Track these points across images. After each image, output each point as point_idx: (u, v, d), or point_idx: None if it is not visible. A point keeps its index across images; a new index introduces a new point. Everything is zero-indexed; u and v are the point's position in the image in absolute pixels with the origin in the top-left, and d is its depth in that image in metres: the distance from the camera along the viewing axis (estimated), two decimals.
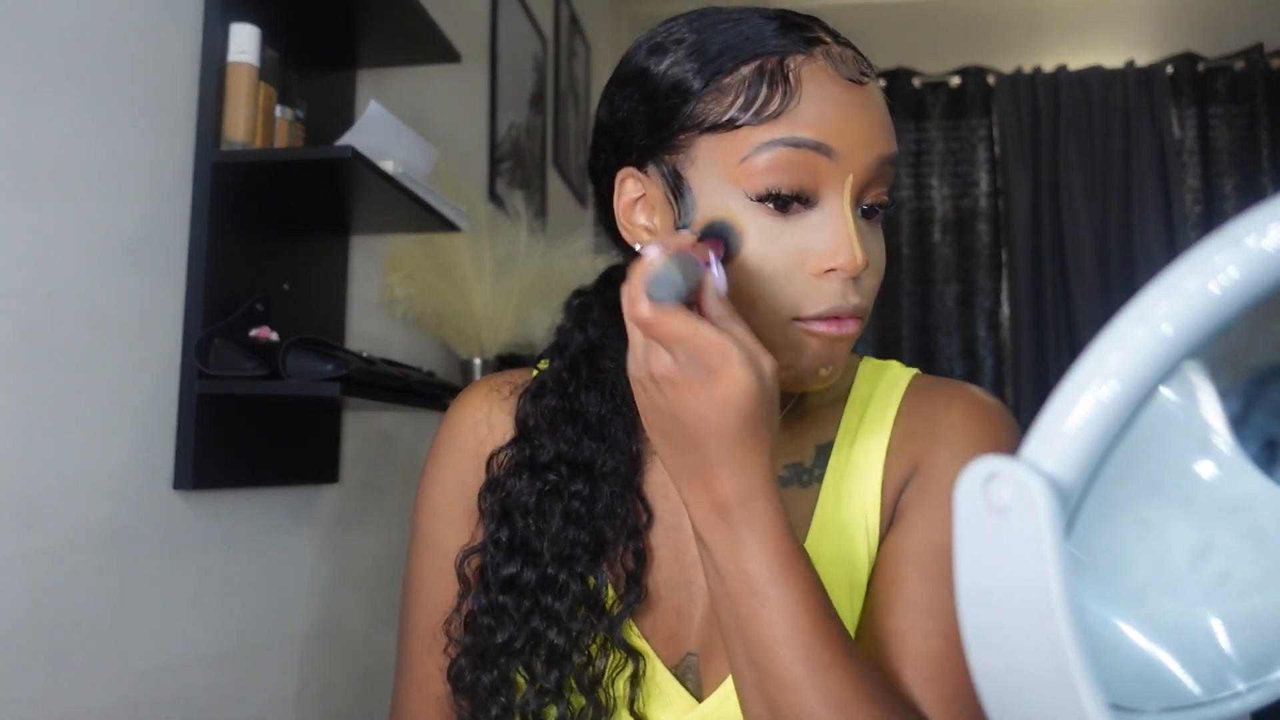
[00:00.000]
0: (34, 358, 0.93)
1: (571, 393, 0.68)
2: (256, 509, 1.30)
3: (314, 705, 1.42)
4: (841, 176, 0.57)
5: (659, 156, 0.61)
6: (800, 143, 0.56)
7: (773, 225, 0.57)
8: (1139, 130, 3.24)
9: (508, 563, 0.65)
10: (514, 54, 2.42)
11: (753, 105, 0.56)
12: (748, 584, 0.52)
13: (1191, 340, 0.29)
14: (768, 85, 0.56)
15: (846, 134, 0.57)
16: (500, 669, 0.64)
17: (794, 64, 0.57)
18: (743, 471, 0.52)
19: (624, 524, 0.65)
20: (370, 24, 1.42)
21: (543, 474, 0.66)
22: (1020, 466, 0.29)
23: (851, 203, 0.58)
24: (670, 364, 0.51)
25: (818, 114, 0.56)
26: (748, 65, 0.57)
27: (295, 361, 1.14)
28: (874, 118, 0.58)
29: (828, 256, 0.57)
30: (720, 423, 0.51)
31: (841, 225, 0.57)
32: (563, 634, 0.64)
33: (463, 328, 1.81)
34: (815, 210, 0.58)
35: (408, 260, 1.68)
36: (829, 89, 0.57)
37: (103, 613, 1.02)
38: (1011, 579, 0.30)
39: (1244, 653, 0.37)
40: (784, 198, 0.57)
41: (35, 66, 0.94)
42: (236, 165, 1.17)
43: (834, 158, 0.57)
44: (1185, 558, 0.38)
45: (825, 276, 0.58)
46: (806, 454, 0.68)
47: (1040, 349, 3.21)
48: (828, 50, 0.58)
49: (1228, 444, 0.37)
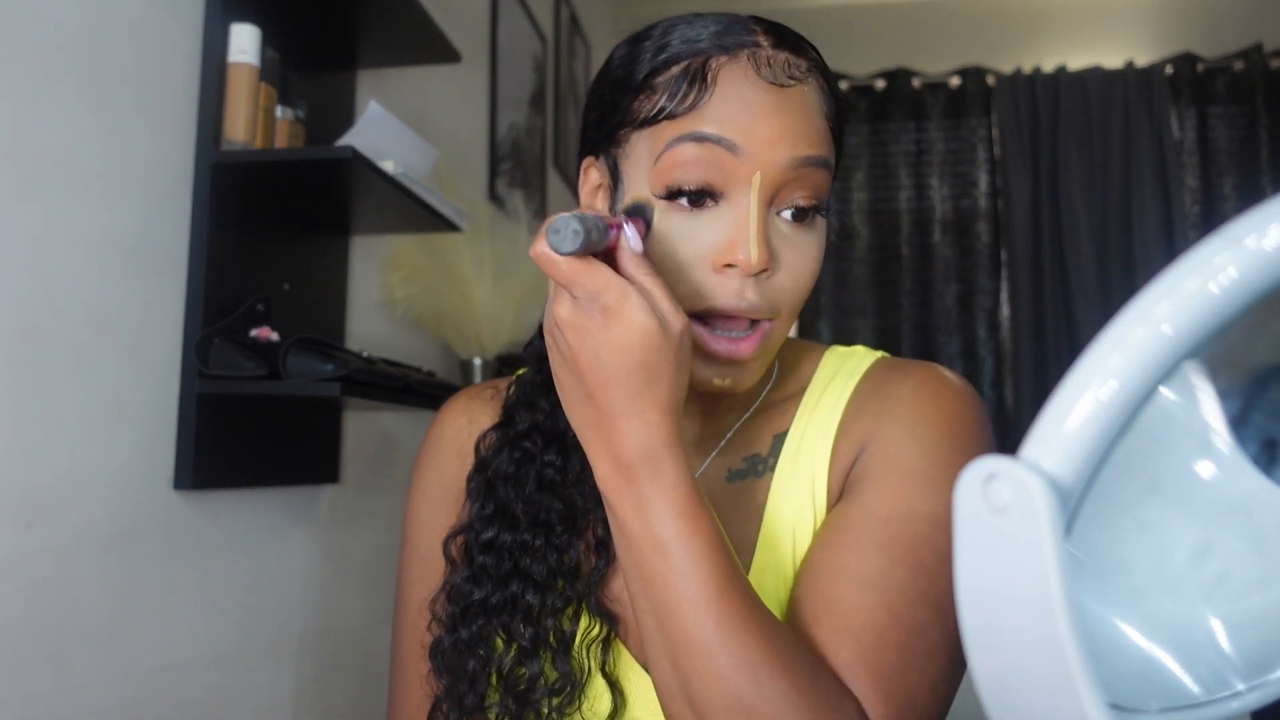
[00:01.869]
0: (34, 358, 0.93)
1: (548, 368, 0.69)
2: (256, 509, 1.30)
3: (314, 705, 1.42)
4: (749, 174, 0.58)
5: (606, 149, 0.64)
6: (704, 137, 0.57)
7: (682, 220, 0.59)
8: (1138, 130, 3.24)
9: (488, 528, 0.67)
10: (514, 54, 2.42)
11: (671, 102, 0.58)
12: (654, 545, 0.52)
13: (1191, 340, 0.29)
14: (687, 84, 0.58)
15: (755, 134, 0.57)
16: (479, 628, 0.66)
17: (715, 64, 0.58)
18: (644, 425, 0.52)
19: (593, 492, 0.66)
20: (370, 24, 1.42)
21: (520, 443, 0.69)
22: (1020, 466, 0.30)
23: (760, 201, 0.58)
24: (571, 305, 0.51)
25: (726, 112, 0.57)
26: (678, 65, 0.59)
27: (295, 361, 1.14)
28: (792, 120, 0.58)
29: (726, 252, 0.58)
30: (618, 367, 0.51)
31: (744, 222, 0.58)
32: (538, 595, 0.65)
33: (463, 328, 1.81)
34: (723, 207, 0.59)
35: (408, 260, 1.68)
36: (743, 89, 0.58)
37: (103, 613, 1.02)
38: (1011, 579, 0.30)
39: (1243, 652, 0.37)
40: (690, 193, 0.58)
41: (36, 67, 0.94)
42: (237, 165, 1.17)
43: (739, 155, 0.57)
44: (1185, 558, 0.38)
45: (724, 272, 0.58)
46: (764, 445, 0.68)
47: (1040, 349, 3.21)
48: (755, 53, 0.59)
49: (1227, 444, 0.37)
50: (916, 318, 3.36)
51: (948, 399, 0.64)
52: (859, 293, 3.39)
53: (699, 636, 0.50)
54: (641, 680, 0.64)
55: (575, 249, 0.49)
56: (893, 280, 3.38)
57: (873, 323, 3.38)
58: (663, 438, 0.52)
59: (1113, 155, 3.26)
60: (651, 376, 0.51)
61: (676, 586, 0.51)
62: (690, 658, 0.50)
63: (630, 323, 0.50)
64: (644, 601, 0.53)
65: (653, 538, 0.52)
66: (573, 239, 0.49)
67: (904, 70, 3.44)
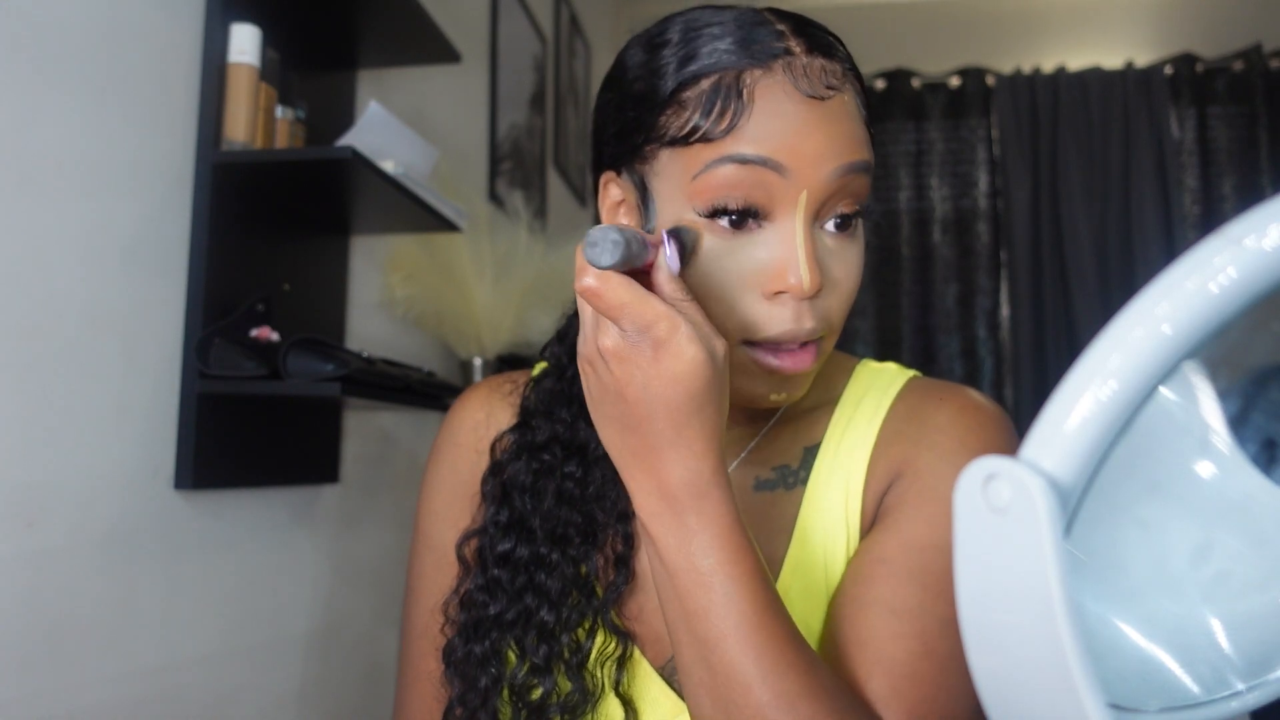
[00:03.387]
0: (34, 358, 0.93)
1: (570, 377, 0.68)
2: (256, 509, 1.30)
3: (314, 705, 1.42)
4: (795, 194, 0.55)
5: (631, 164, 0.61)
6: (747, 159, 0.55)
7: (726, 243, 0.56)
8: (1138, 131, 3.24)
9: (504, 539, 0.66)
10: (514, 54, 2.42)
11: (706, 121, 0.56)
12: (697, 578, 0.51)
13: (1191, 340, 0.29)
14: (722, 101, 0.55)
15: (799, 151, 0.55)
16: (492, 642, 0.65)
17: (750, 79, 0.56)
18: (691, 456, 0.50)
19: (614, 507, 0.65)
20: (370, 24, 1.42)
21: (538, 454, 0.67)
22: (1020, 466, 0.30)
23: (807, 221, 0.56)
24: (618, 336, 0.49)
25: (768, 131, 0.55)
26: (708, 79, 0.56)
27: (295, 361, 1.14)
28: (834, 131, 0.56)
29: (777, 278, 0.56)
30: (667, 399, 0.49)
31: (791, 245, 0.56)
32: (553, 611, 0.64)
33: (463, 328, 1.81)
34: (769, 229, 0.56)
35: (408, 260, 1.68)
36: (783, 105, 0.55)
37: (103, 613, 1.02)
38: (1011, 579, 0.30)
39: (1243, 652, 0.37)
40: (733, 213, 0.56)
41: (36, 67, 0.94)
42: (237, 165, 1.17)
43: (785, 174, 0.55)
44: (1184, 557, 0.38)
45: (776, 299, 0.56)
46: (794, 457, 0.67)
47: (1040, 349, 3.21)
48: (790, 64, 0.56)
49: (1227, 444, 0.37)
50: (916, 318, 3.36)
51: (985, 427, 0.64)
52: (859, 293, 3.38)
53: (739, 669, 0.50)
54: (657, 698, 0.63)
55: (614, 262, 0.47)
56: (892, 280, 3.38)
57: (873, 323, 3.38)
58: (710, 468, 0.51)
59: (1112, 155, 3.26)
60: (699, 406, 0.50)
61: (718, 619, 0.50)
62: (730, 689, 0.50)
63: (681, 354, 0.48)
64: (684, 634, 0.52)
65: (696, 570, 0.51)
66: (611, 250, 0.47)
67: (904, 70, 3.44)
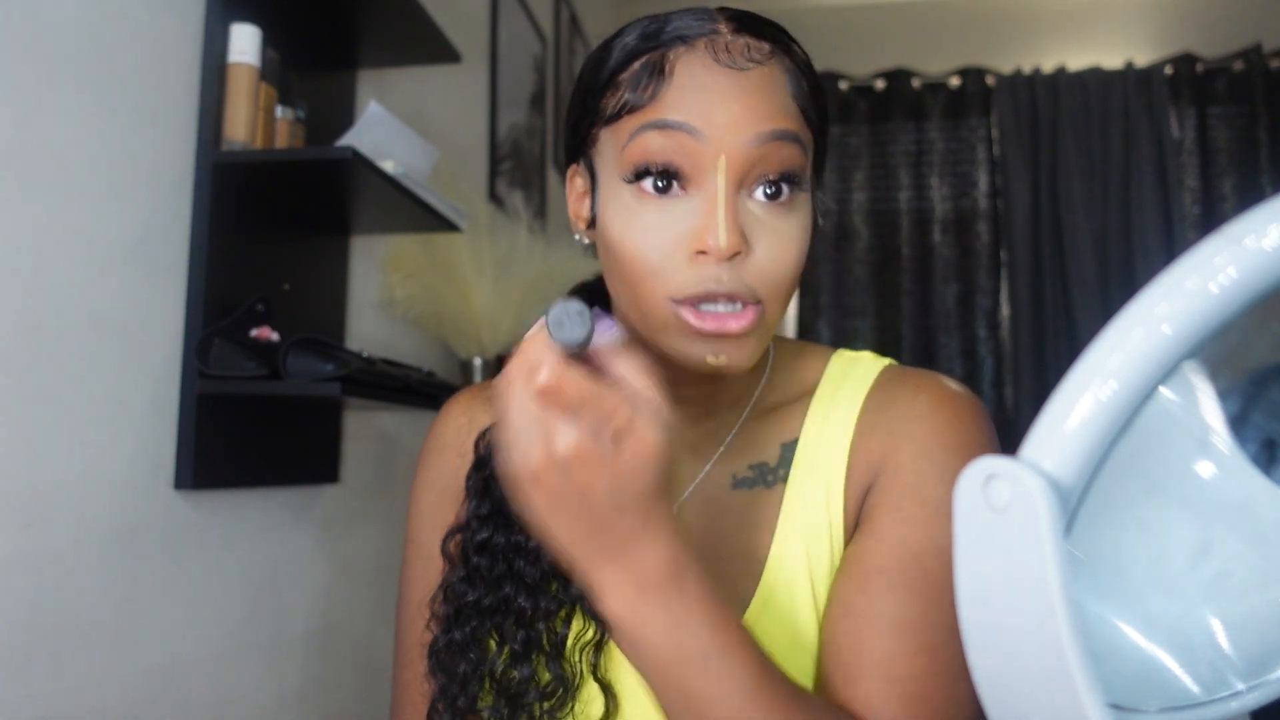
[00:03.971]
0: (34, 358, 0.93)
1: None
2: (256, 509, 1.30)
3: (314, 705, 1.42)
4: (714, 158, 0.58)
5: (585, 152, 0.64)
6: (665, 124, 0.58)
7: (655, 209, 0.59)
8: (1138, 131, 3.24)
9: (483, 529, 0.67)
10: (514, 54, 2.42)
11: (633, 94, 0.59)
12: (691, 663, 0.49)
13: (1191, 340, 0.29)
14: (648, 76, 0.59)
15: (715, 117, 0.57)
16: (471, 629, 0.65)
17: (674, 55, 0.59)
18: (663, 538, 0.48)
19: None
20: (370, 24, 1.42)
21: None
22: (1020, 466, 0.30)
23: (728, 186, 0.58)
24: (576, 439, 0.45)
25: (686, 99, 0.58)
26: (639, 60, 0.60)
27: (295, 361, 1.14)
28: (752, 101, 0.58)
29: (696, 238, 0.57)
30: (636, 491, 0.47)
31: (711, 206, 0.57)
32: (530, 598, 0.64)
33: (463, 328, 1.81)
34: (693, 194, 0.59)
35: (408, 260, 1.68)
36: (700, 76, 0.58)
37: (103, 612, 1.02)
38: (1011, 579, 0.30)
39: (1243, 652, 0.37)
40: (654, 175, 0.58)
41: (36, 67, 0.94)
42: (237, 165, 1.17)
43: (701, 139, 0.57)
44: (1184, 557, 0.38)
45: (697, 260, 0.58)
46: (771, 454, 0.68)
47: (1040, 349, 3.21)
48: (713, 41, 0.59)
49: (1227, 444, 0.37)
50: (916, 318, 3.36)
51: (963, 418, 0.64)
52: (859, 293, 3.39)
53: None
54: (635, 684, 0.64)
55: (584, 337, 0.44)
56: (893, 280, 3.38)
57: (873, 323, 3.38)
58: (679, 545, 0.49)
59: (1112, 155, 3.26)
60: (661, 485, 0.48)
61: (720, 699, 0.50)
62: None
63: (645, 440, 0.46)
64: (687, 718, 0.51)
65: (688, 656, 0.49)
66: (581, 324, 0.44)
67: (904, 70, 3.44)
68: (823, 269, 3.36)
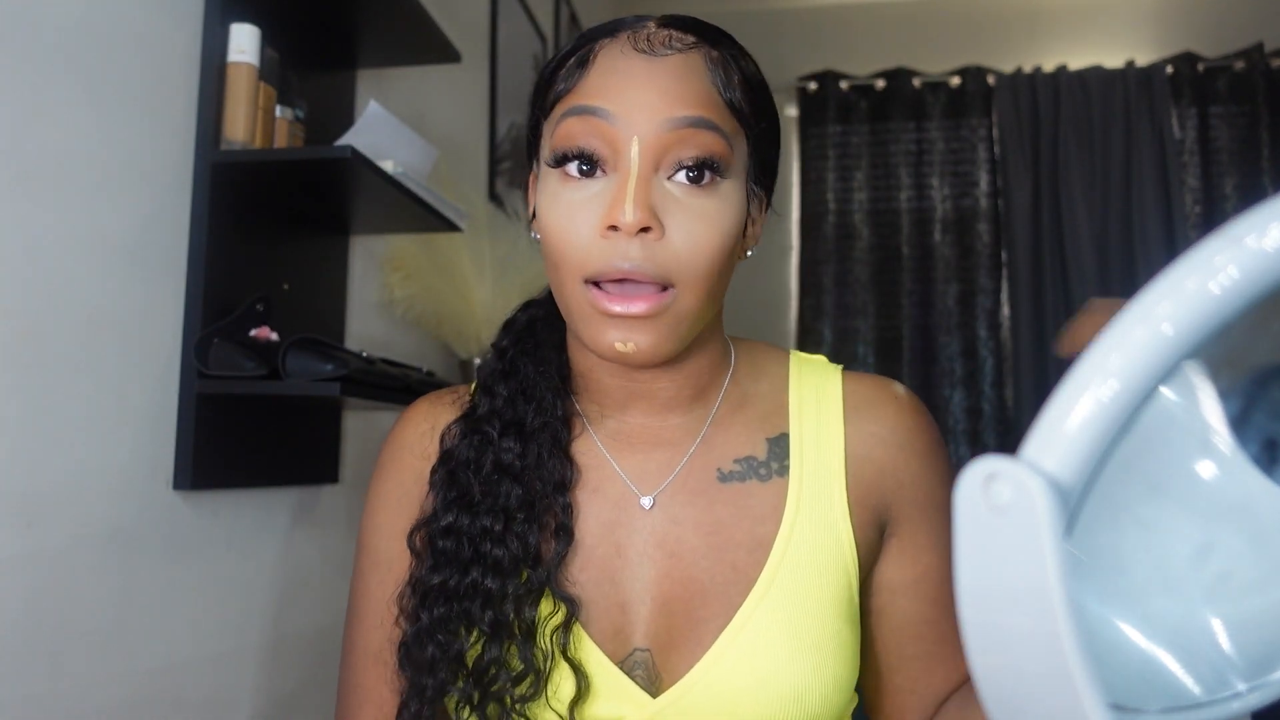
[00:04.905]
0: (33, 358, 0.93)
1: (510, 357, 0.72)
2: (256, 509, 1.30)
3: (314, 705, 1.42)
4: (628, 140, 0.59)
5: (535, 150, 0.68)
6: (580, 109, 0.60)
7: (575, 191, 0.61)
8: (1139, 130, 3.24)
9: (448, 514, 0.68)
10: (514, 54, 2.41)
11: (563, 85, 0.63)
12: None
13: (1192, 340, 0.29)
14: (575, 68, 0.63)
15: (627, 100, 0.59)
16: (439, 614, 0.66)
17: (597, 47, 0.62)
18: None
19: (552, 477, 0.67)
20: (370, 24, 1.42)
21: (480, 427, 0.70)
22: (1021, 466, 0.29)
23: (642, 164, 0.59)
24: None
25: (601, 84, 0.61)
26: (573, 57, 0.63)
27: (295, 361, 1.14)
28: (665, 86, 0.60)
29: (608, 214, 0.59)
30: None
31: (623, 183, 0.59)
32: (498, 579, 0.65)
33: (463, 328, 1.80)
34: (612, 177, 0.61)
35: (408, 260, 1.68)
36: (616, 62, 0.61)
37: (103, 613, 1.01)
38: (1012, 579, 0.30)
39: (1244, 653, 0.37)
40: (573, 160, 0.61)
41: (35, 66, 0.94)
42: (236, 165, 1.17)
43: (614, 122, 0.59)
44: (1185, 558, 0.38)
45: (609, 235, 0.59)
46: (757, 448, 0.69)
47: (1040, 349, 3.21)
48: (635, 33, 0.62)
49: (1228, 444, 0.37)
50: (917, 318, 3.36)
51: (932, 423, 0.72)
52: (859, 293, 3.39)
53: None
54: (603, 666, 0.64)
55: None
56: (893, 280, 3.37)
57: (873, 322, 3.38)
58: None
59: (1113, 155, 3.26)
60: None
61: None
62: None
63: None
64: None
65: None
66: None
67: (904, 70, 3.43)
68: (823, 269, 3.36)
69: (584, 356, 0.70)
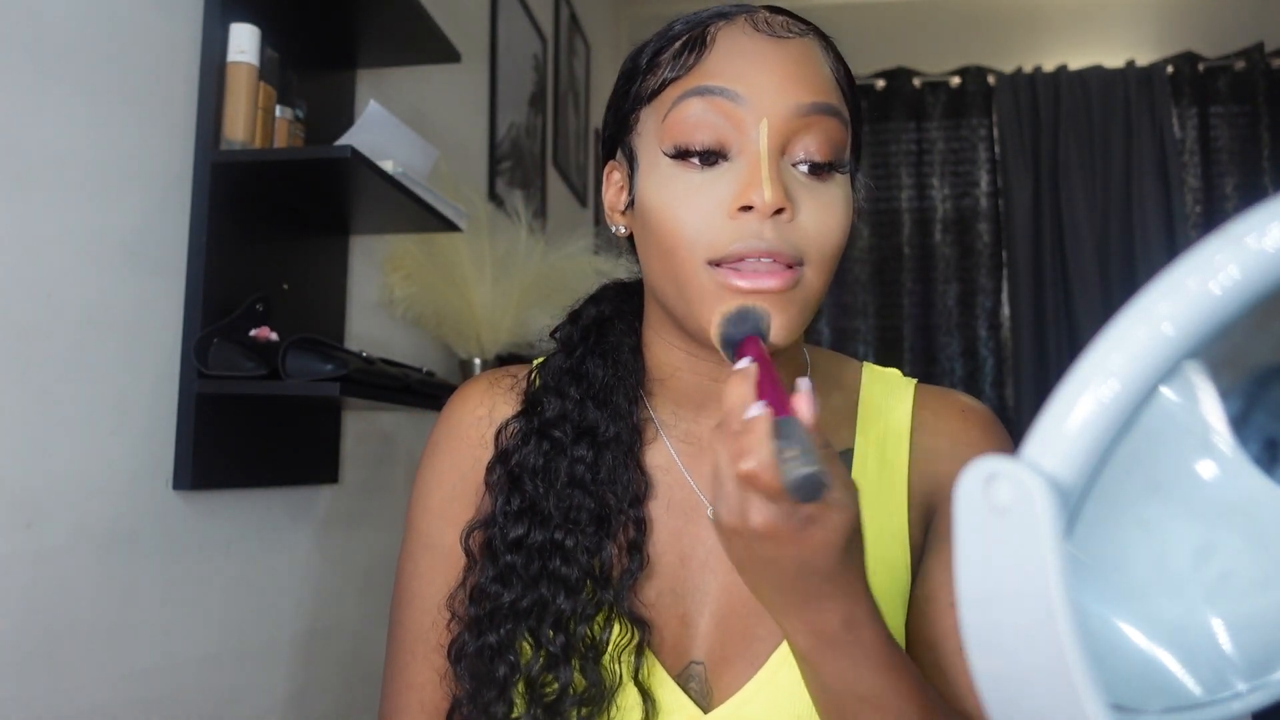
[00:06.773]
0: (33, 358, 0.93)
1: (580, 356, 0.69)
2: (256, 509, 1.30)
3: (313, 705, 1.42)
4: (756, 122, 0.58)
5: (623, 140, 0.65)
6: (707, 90, 0.58)
7: (696, 176, 0.59)
8: (1139, 130, 3.24)
9: (516, 525, 0.65)
10: (514, 54, 2.41)
11: (673, 70, 0.60)
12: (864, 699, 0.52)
13: (1192, 340, 0.28)
14: (688, 50, 0.60)
15: (756, 81, 0.58)
16: (507, 632, 0.63)
17: (714, 29, 0.61)
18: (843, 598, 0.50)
19: (626, 491, 0.65)
20: (370, 24, 1.42)
21: (549, 432, 0.67)
22: (1021, 467, 0.29)
23: (772, 146, 0.58)
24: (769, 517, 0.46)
25: (726, 64, 0.59)
26: (679, 40, 0.62)
27: (295, 361, 1.14)
28: (792, 69, 0.59)
29: (740, 194, 0.57)
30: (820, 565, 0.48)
31: (755, 164, 0.58)
32: (570, 599, 0.63)
33: (463, 328, 1.80)
34: (735, 162, 0.59)
35: (408, 260, 1.68)
36: (740, 43, 0.59)
37: (102, 613, 1.01)
38: (1012, 579, 0.30)
39: (1245, 653, 0.37)
40: (700, 153, 0.59)
41: (34, 66, 0.94)
42: (236, 165, 1.17)
43: (742, 104, 0.58)
44: (1186, 558, 0.38)
45: (739, 216, 0.57)
46: None
47: (1040, 349, 3.21)
48: (752, 16, 0.61)
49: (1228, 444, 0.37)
50: (917, 317, 3.36)
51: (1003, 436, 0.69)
52: (859, 293, 3.39)
53: None
54: (663, 682, 0.63)
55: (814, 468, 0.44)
56: (893, 280, 3.38)
57: (873, 322, 3.38)
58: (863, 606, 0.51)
59: (1114, 155, 3.26)
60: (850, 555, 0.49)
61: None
62: None
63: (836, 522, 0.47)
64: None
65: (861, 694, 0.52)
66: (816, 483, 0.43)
67: (904, 70, 3.43)
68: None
69: (669, 355, 0.67)
